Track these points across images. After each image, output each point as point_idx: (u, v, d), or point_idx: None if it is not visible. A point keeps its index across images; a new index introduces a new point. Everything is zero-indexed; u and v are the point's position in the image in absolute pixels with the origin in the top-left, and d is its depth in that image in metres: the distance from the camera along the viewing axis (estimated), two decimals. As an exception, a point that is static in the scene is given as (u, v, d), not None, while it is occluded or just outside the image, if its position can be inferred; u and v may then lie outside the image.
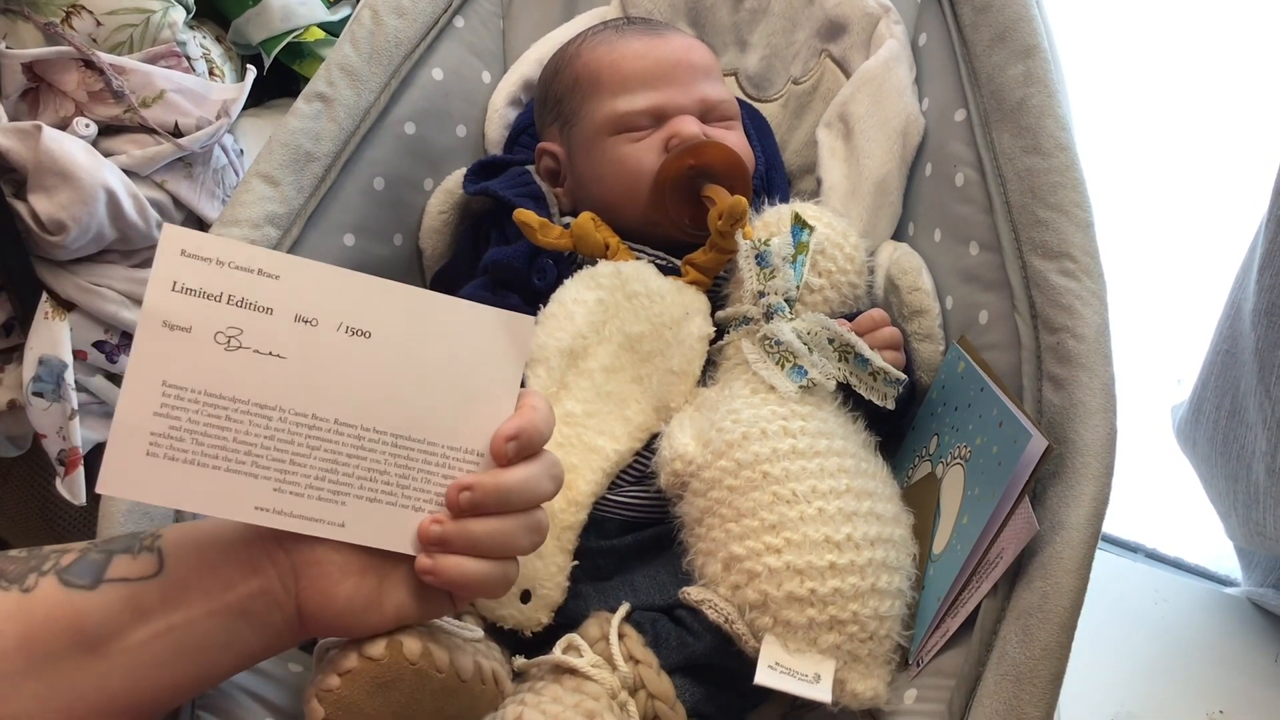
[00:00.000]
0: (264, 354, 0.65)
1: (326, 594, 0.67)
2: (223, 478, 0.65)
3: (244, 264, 0.65)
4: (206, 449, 0.64)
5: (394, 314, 0.68)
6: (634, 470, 0.92)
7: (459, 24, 1.16)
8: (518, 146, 1.16)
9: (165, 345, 0.63)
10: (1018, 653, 0.72)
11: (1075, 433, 0.78)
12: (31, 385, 1.13)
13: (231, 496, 0.65)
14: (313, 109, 1.00)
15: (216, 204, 1.24)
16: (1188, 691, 1.24)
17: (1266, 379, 1.12)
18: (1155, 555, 1.53)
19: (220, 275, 0.64)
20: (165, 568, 0.64)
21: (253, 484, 0.65)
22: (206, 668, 0.66)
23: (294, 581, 0.66)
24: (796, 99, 1.20)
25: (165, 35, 1.20)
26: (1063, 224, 0.87)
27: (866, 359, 0.88)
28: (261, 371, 0.65)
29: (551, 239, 0.96)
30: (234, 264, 0.65)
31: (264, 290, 0.65)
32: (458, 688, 0.73)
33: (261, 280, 0.65)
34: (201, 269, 0.64)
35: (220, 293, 0.64)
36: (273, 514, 0.66)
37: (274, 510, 0.66)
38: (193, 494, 0.64)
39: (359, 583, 0.67)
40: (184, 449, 0.64)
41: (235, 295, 0.65)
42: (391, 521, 0.68)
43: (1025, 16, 0.99)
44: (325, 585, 0.67)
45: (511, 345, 0.70)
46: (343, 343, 0.67)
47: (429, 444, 0.69)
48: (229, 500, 0.65)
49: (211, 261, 0.64)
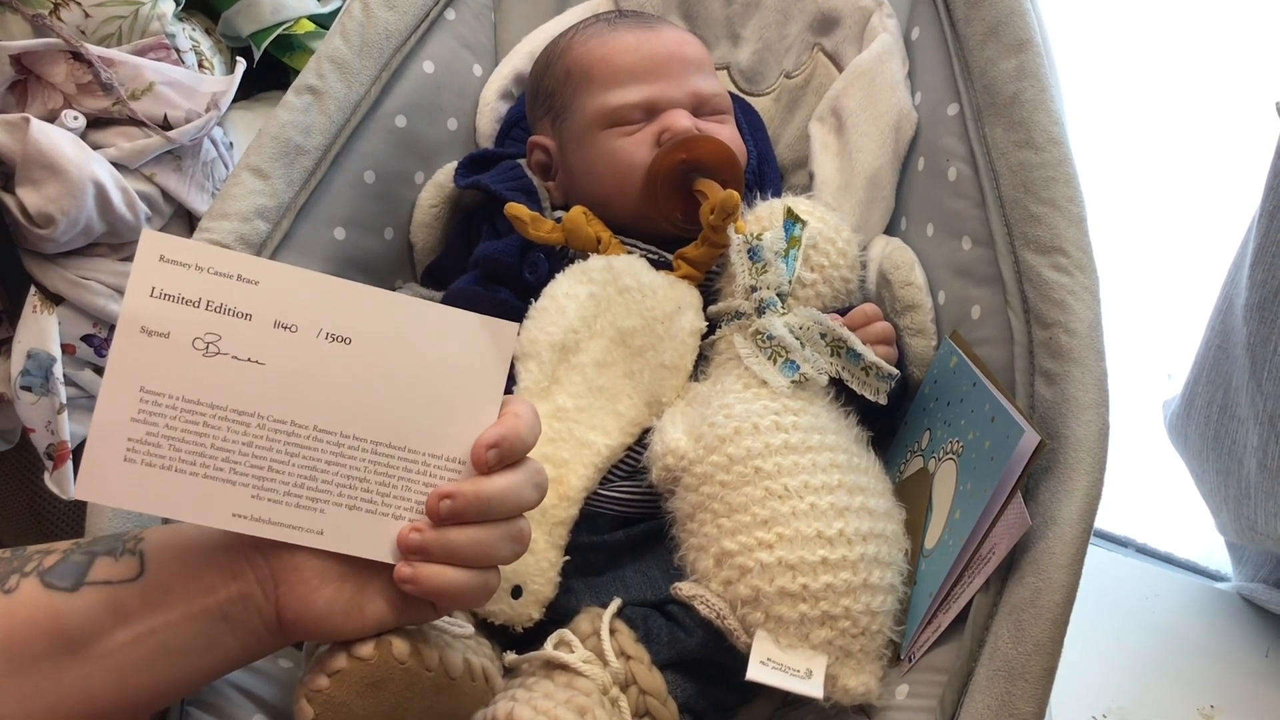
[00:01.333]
0: (242, 360, 0.65)
1: (305, 600, 0.66)
2: (200, 484, 0.64)
3: (223, 269, 0.64)
4: (184, 455, 0.64)
5: (375, 320, 0.67)
6: (626, 465, 0.92)
7: (450, 16, 1.15)
8: (509, 140, 1.16)
9: (143, 351, 0.63)
10: (1010, 648, 0.72)
11: (1068, 428, 0.78)
12: (19, 379, 1.13)
13: (209, 503, 0.64)
14: (303, 102, 1.00)
15: (206, 197, 1.23)
16: (1179, 686, 1.24)
17: (1258, 374, 1.12)
18: (1146, 550, 1.53)
19: (199, 280, 0.64)
20: (146, 571, 0.64)
21: (230, 490, 0.65)
22: (188, 671, 0.66)
23: (273, 587, 0.66)
24: (789, 93, 1.19)
25: (154, 27, 1.19)
26: (1055, 219, 0.87)
27: (859, 354, 0.88)
28: (240, 378, 0.65)
29: (543, 233, 0.96)
30: (213, 269, 0.64)
31: (243, 296, 0.64)
32: (447, 686, 0.73)
33: (241, 286, 0.64)
34: (180, 274, 0.63)
35: (199, 298, 0.64)
36: (250, 521, 0.65)
37: (251, 517, 0.65)
38: (170, 500, 0.64)
39: (338, 589, 0.67)
40: (161, 454, 0.63)
41: (214, 301, 0.64)
42: (371, 529, 0.68)
43: (1018, 11, 0.98)
44: (304, 591, 0.66)
45: (493, 351, 0.69)
46: (323, 349, 0.66)
47: (410, 451, 0.68)
48: (206, 507, 0.64)
49: (190, 267, 0.63)
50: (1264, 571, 1.33)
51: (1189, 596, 1.37)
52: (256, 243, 0.94)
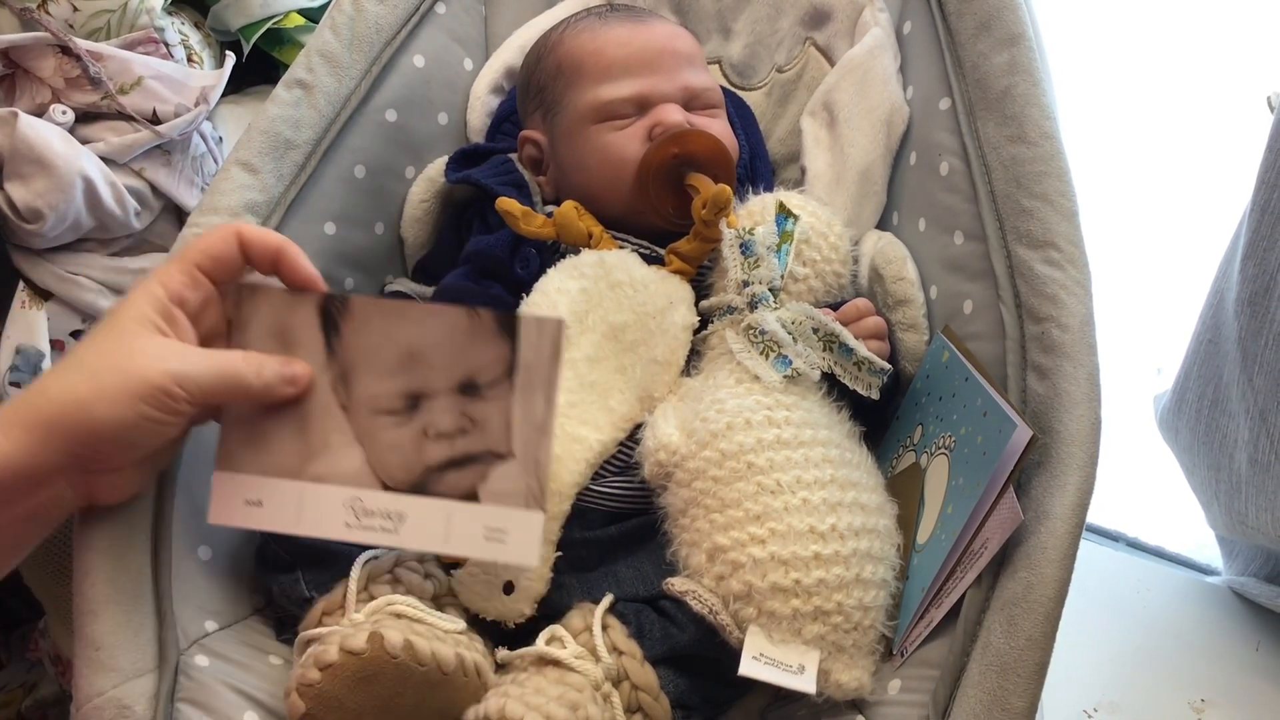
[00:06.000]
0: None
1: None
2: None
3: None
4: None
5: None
6: (618, 460, 0.92)
7: (440, 10, 1.15)
8: (500, 134, 1.15)
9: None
10: (1002, 643, 0.72)
11: (1060, 422, 0.78)
12: (8, 375, 1.12)
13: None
14: (292, 96, 0.99)
15: (195, 192, 1.23)
16: (1170, 680, 1.24)
17: (1249, 368, 1.12)
18: (1137, 544, 1.54)
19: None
20: None
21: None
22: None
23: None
24: (781, 87, 1.19)
25: (143, 21, 1.19)
26: (1047, 213, 0.87)
27: (851, 349, 0.88)
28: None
29: (534, 228, 0.95)
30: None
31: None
32: (440, 680, 0.73)
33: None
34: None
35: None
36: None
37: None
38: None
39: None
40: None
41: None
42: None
43: (1010, 5, 0.98)
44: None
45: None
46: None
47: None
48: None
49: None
50: (1255, 565, 1.33)
51: (1180, 590, 1.37)
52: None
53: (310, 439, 0.76)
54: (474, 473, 0.75)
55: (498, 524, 0.74)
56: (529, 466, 0.75)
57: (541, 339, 0.74)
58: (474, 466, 0.75)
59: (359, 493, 0.75)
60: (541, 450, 0.75)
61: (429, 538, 0.75)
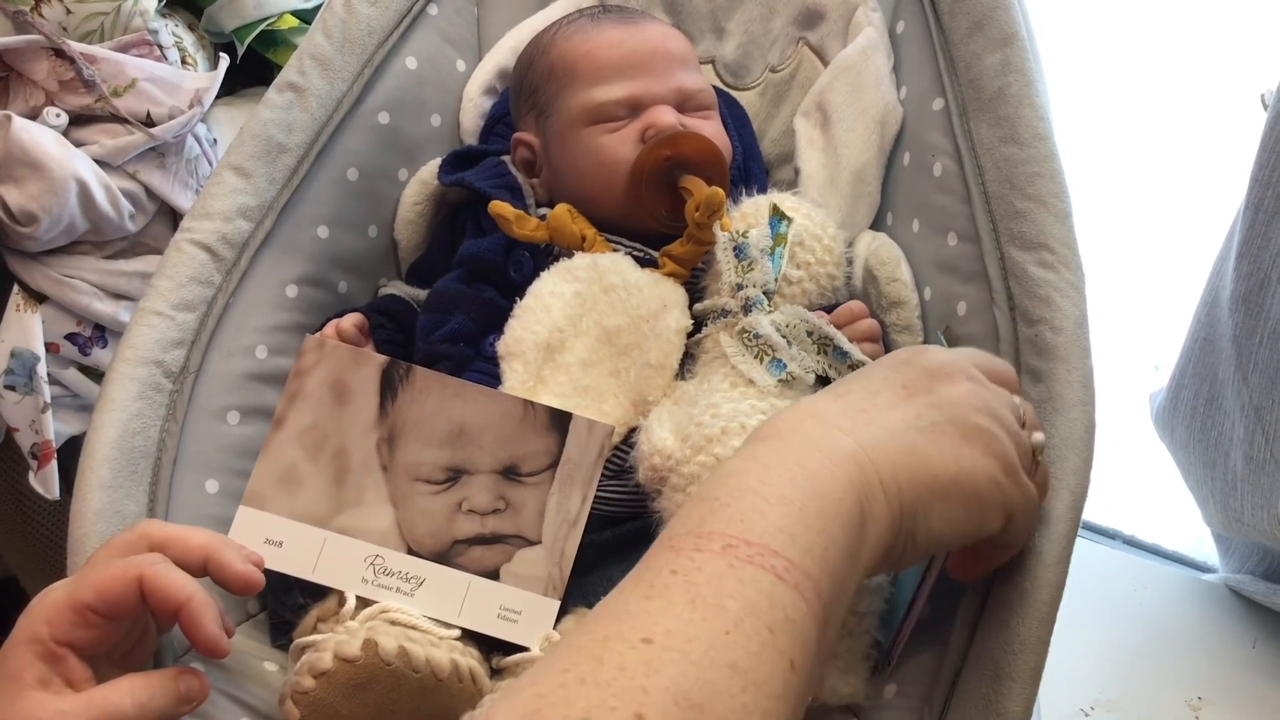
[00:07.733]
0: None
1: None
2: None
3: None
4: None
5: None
6: (612, 465, 0.92)
7: (433, 11, 1.15)
8: (493, 136, 1.15)
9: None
10: (997, 647, 0.72)
11: (1053, 426, 0.78)
12: (3, 378, 1.12)
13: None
14: (284, 99, 0.99)
15: (189, 194, 1.23)
16: (1166, 678, 1.24)
17: (1244, 366, 1.12)
18: (1133, 542, 1.54)
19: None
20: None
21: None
22: None
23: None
24: (774, 87, 1.19)
25: (137, 23, 1.19)
26: (1041, 215, 0.87)
27: (845, 351, 0.88)
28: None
29: (528, 231, 0.95)
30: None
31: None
32: (435, 686, 0.73)
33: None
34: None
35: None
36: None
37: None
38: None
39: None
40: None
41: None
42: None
43: (1003, 4, 0.98)
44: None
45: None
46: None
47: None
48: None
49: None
50: (1251, 563, 1.33)
51: (1176, 588, 1.37)
52: (239, 242, 0.93)
53: (344, 491, 0.80)
54: (500, 552, 0.80)
55: (514, 605, 0.78)
56: (554, 556, 0.79)
57: (590, 440, 0.82)
58: (501, 546, 0.80)
59: (382, 551, 0.78)
60: (570, 543, 0.80)
61: (443, 607, 0.78)
